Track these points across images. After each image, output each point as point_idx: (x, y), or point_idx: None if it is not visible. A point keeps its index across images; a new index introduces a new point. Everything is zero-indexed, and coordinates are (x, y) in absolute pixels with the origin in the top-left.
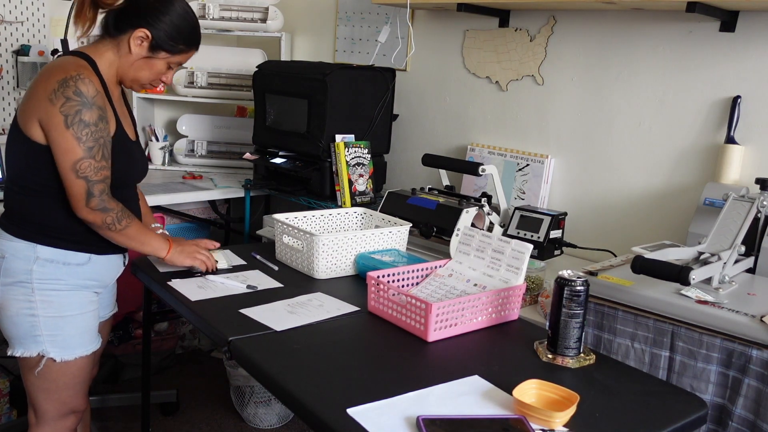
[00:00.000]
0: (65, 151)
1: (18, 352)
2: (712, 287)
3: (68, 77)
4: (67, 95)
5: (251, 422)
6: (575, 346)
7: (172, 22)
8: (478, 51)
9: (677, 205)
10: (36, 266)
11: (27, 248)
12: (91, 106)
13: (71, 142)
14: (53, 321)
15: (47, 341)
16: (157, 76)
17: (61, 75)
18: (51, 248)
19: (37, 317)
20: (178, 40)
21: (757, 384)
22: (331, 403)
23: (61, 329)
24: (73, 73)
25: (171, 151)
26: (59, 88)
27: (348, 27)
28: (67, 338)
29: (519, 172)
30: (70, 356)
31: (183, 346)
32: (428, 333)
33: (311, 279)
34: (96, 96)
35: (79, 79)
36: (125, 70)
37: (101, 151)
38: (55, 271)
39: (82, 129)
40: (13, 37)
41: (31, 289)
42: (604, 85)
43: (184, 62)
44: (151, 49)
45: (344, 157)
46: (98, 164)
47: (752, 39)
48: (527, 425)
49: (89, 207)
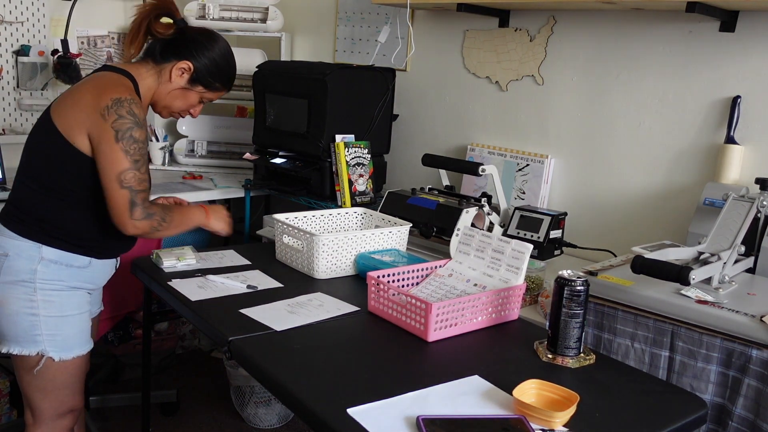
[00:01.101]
0: (112, 162)
1: (15, 350)
2: (712, 287)
3: (123, 99)
4: (120, 114)
5: (251, 422)
6: (575, 346)
7: (214, 59)
8: (478, 51)
9: (677, 205)
10: (40, 266)
11: (32, 248)
12: (141, 127)
13: (119, 154)
14: (54, 321)
15: (47, 341)
16: (188, 108)
17: (115, 94)
18: (56, 250)
19: (38, 317)
20: (216, 77)
21: (757, 384)
22: (331, 403)
23: (60, 329)
24: (128, 96)
25: (171, 151)
26: (113, 106)
27: (348, 27)
28: (66, 338)
29: (519, 172)
30: (68, 356)
31: (183, 346)
32: (428, 333)
33: (311, 279)
34: (144, 119)
35: (133, 102)
36: (162, 96)
37: (145, 166)
38: (58, 273)
39: (131, 144)
40: (13, 38)
41: (33, 288)
42: (604, 85)
43: (215, 99)
44: (191, 81)
45: (344, 157)
46: (142, 176)
47: (752, 39)
48: (527, 425)
49: (134, 218)
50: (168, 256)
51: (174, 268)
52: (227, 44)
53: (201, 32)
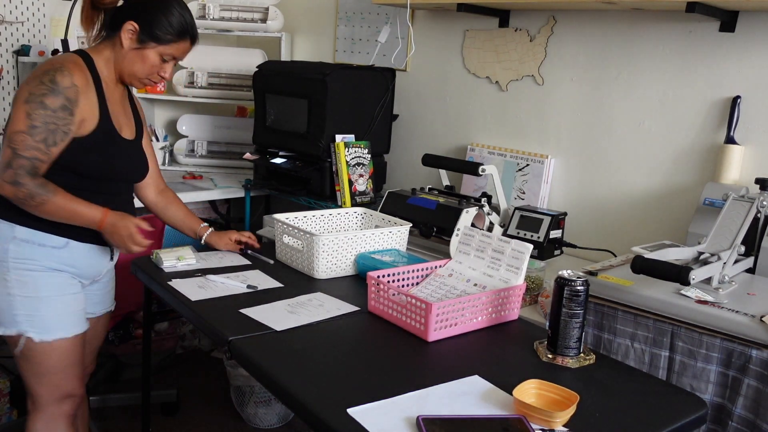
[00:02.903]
0: (13, 120)
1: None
2: (712, 287)
3: (51, 68)
4: (42, 80)
5: (251, 422)
6: (575, 346)
7: (158, 12)
8: (478, 51)
9: (677, 205)
10: (12, 245)
11: (5, 228)
12: (58, 94)
13: (21, 115)
14: (29, 301)
15: (24, 321)
16: (152, 70)
17: (48, 65)
18: (28, 229)
19: (13, 296)
20: (163, 28)
21: (756, 384)
22: (331, 403)
23: (37, 310)
24: (57, 65)
25: (171, 151)
26: (40, 75)
27: (348, 27)
28: (46, 319)
29: (519, 172)
30: (49, 337)
31: (183, 346)
32: (428, 333)
33: (311, 279)
34: (70, 88)
35: (59, 70)
36: (121, 64)
37: (45, 135)
38: (31, 252)
39: (37, 109)
40: (13, 37)
41: (6, 268)
42: (604, 85)
43: (180, 55)
44: (140, 40)
45: (344, 157)
46: (34, 143)
47: (752, 39)
48: (527, 425)
49: (2, 179)
50: (168, 256)
51: (174, 268)
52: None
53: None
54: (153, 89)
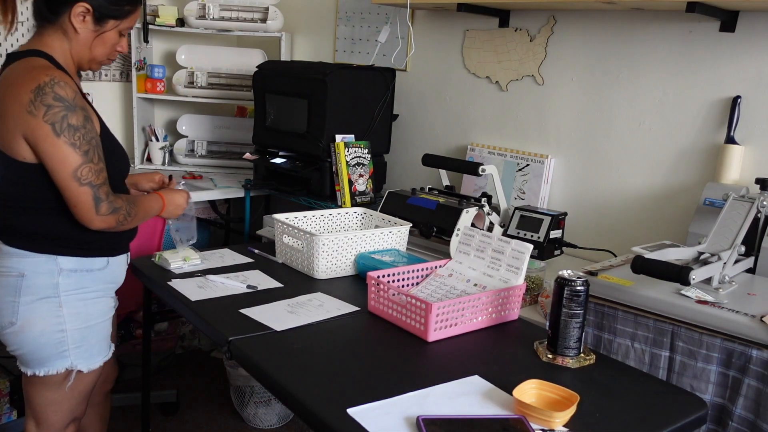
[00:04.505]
0: (61, 161)
1: (42, 371)
2: (712, 287)
3: (42, 84)
4: (47, 103)
5: (251, 422)
6: (575, 346)
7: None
8: (478, 51)
9: (677, 205)
10: (61, 278)
11: (49, 262)
12: (75, 108)
13: (66, 150)
14: (80, 332)
15: (73, 354)
16: (113, 49)
17: (33, 84)
18: (73, 258)
19: (65, 332)
20: (121, 2)
21: (757, 384)
22: (331, 403)
23: (86, 340)
24: (45, 79)
25: (171, 151)
26: (36, 98)
27: (348, 27)
28: (91, 347)
29: (519, 172)
30: (95, 365)
31: (183, 346)
32: (428, 333)
33: (311, 279)
34: (75, 97)
35: (54, 83)
36: (80, 53)
37: (96, 153)
38: (81, 280)
39: (73, 134)
40: (13, 37)
41: (58, 303)
42: (604, 85)
43: (133, 25)
44: (97, 21)
45: (344, 157)
46: (97, 167)
47: (752, 39)
48: (527, 425)
49: (100, 214)
50: (174, 258)
51: (182, 269)
52: None
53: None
54: (153, 89)
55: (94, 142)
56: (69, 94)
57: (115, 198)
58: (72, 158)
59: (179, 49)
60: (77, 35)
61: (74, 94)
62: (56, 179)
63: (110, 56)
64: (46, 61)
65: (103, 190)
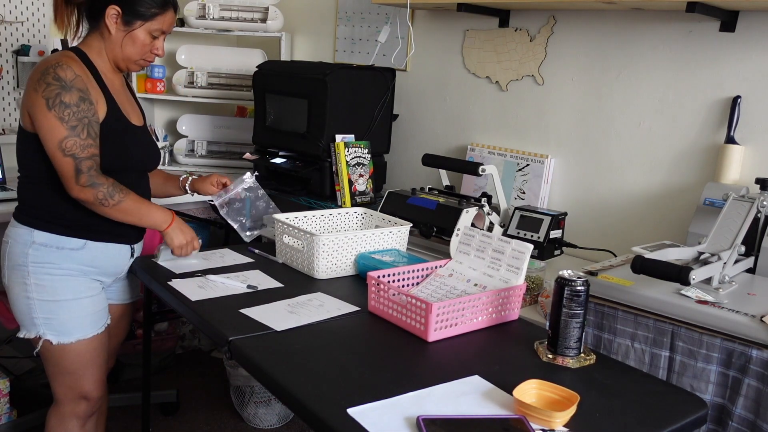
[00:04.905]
0: (49, 131)
1: (22, 333)
2: (712, 287)
3: (49, 66)
4: (47, 81)
5: (251, 422)
6: (575, 346)
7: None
8: (478, 51)
9: (677, 205)
10: (31, 250)
11: (25, 233)
12: (70, 89)
13: (54, 122)
14: (47, 305)
15: (43, 324)
16: (144, 49)
17: (43, 66)
18: (46, 233)
19: (32, 300)
20: (148, 5)
21: (757, 384)
22: (331, 403)
23: (55, 313)
24: (53, 62)
25: (171, 151)
26: (41, 77)
27: (348, 27)
28: (64, 322)
29: (519, 172)
30: (66, 339)
31: (183, 346)
32: (428, 333)
33: (311, 279)
34: (75, 79)
35: (58, 66)
36: (114, 52)
37: (86, 130)
38: (48, 255)
39: (63, 109)
40: (13, 37)
41: (26, 272)
42: (604, 85)
43: (167, 28)
44: (126, 22)
45: (344, 157)
46: (84, 142)
47: (752, 39)
48: (527, 425)
49: (79, 184)
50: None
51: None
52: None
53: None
54: (153, 89)
55: (86, 120)
56: (68, 75)
57: (98, 175)
58: (58, 130)
59: (179, 49)
60: (110, 36)
61: (74, 76)
62: (46, 149)
63: (145, 57)
64: (72, 53)
65: (86, 164)
